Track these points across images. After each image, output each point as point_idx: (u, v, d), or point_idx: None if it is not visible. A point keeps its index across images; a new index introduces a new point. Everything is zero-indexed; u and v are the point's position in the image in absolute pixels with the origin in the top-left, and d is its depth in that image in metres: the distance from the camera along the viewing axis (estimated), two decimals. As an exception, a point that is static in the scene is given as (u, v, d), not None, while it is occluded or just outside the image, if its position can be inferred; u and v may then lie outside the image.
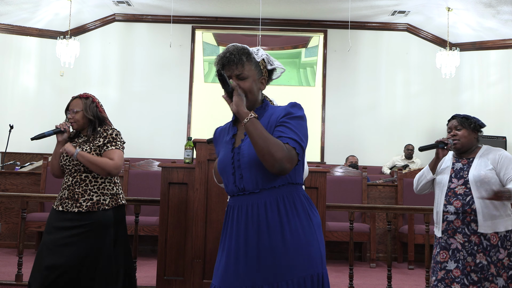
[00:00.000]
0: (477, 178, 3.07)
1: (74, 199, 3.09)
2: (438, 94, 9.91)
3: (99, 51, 10.10)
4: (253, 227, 1.92)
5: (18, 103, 9.53)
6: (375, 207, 5.10)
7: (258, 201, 1.94)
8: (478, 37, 9.56)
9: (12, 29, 9.48)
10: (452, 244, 3.06)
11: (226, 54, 2.02)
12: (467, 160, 3.19)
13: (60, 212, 3.10)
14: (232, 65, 2.01)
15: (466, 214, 3.04)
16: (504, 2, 8.11)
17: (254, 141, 1.88)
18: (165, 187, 3.88)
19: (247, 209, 1.95)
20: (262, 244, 1.91)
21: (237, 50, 2.03)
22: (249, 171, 1.96)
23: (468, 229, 3.03)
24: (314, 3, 9.23)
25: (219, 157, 2.07)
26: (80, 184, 3.12)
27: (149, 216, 6.02)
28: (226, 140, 2.09)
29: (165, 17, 9.88)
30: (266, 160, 1.87)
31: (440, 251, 3.09)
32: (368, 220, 6.26)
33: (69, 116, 3.21)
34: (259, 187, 1.95)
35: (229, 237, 1.97)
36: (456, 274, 3.01)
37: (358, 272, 5.50)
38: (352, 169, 6.90)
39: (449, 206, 3.09)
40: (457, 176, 3.15)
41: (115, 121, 10.20)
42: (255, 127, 1.89)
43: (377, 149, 9.73)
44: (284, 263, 1.89)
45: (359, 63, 10.08)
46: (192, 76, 10.10)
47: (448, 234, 3.08)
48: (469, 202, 3.05)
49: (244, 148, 1.98)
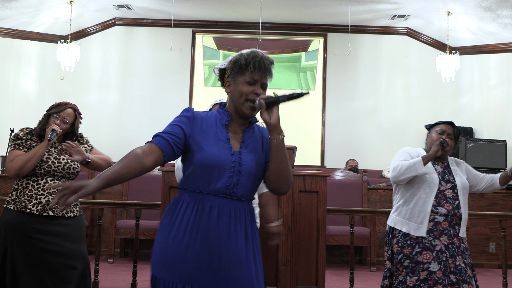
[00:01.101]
0: (464, 185, 3.22)
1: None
2: (438, 98, 9.91)
3: (100, 55, 10.12)
4: (235, 231, 1.96)
5: (19, 107, 9.53)
6: (376, 211, 5.11)
7: (241, 209, 2.00)
8: (478, 41, 9.57)
9: (13, 33, 9.50)
10: (437, 245, 3.08)
11: (264, 59, 2.01)
12: (443, 165, 3.30)
13: (50, 217, 3.08)
14: (264, 73, 2.02)
15: (454, 217, 3.12)
16: (504, 6, 8.13)
17: (280, 160, 1.96)
18: (166, 191, 3.88)
19: (230, 212, 1.97)
20: (241, 250, 1.96)
21: (271, 61, 2.05)
22: (246, 179, 1.98)
23: (453, 232, 3.12)
24: (314, 7, 9.25)
25: (212, 151, 1.97)
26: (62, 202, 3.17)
27: (149, 220, 6.02)
28: (218, 136, 2.02)
29: (165, 21, 9.90)
30: (281, 180, 1.99)
31: (423, 252, 3.08)
32: (369, 224, 6.26)
33: (57, 122, 3.20)
34: (246, 196, 2.01)
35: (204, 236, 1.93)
36: (439, 275, 3.03)
37: (359, 276, 5.50)
38: (352, 173, 6.91)
39: (439, 207, 3.12)
40: (444, 179, 3.20)
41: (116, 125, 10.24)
42: (283, 147, 1.97)
43: (377, 153, 9.73)
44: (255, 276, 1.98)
45: (359, 67, 10.09)
46: (193, 80, 10.11)
47: (433, 235, 3.10)
48: (458, 207, 3.14)
49: (247, 156, 2.00)
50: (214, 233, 1.93)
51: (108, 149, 9.22)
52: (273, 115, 1.94)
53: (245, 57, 2.01)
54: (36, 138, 3.19)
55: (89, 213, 6.55)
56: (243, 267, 1.94)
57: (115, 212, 6.20)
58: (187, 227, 1.93)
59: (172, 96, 9.99)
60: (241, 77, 2.01)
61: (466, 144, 8.45)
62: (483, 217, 5.89)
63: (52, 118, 3.21)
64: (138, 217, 4.29)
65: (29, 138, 3.18)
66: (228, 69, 2.07)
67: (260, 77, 2.00)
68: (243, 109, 2.01)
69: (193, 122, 2.05)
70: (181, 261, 1.91)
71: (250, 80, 2.00)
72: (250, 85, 2.00)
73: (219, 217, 1.94)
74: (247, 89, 2.00)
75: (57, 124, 3.18)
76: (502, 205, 6.62)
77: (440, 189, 3.16)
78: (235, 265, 1.93)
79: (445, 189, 3.16)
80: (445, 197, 3.14)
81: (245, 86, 2.00)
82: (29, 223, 3.04)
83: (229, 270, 1.92)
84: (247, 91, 1.99)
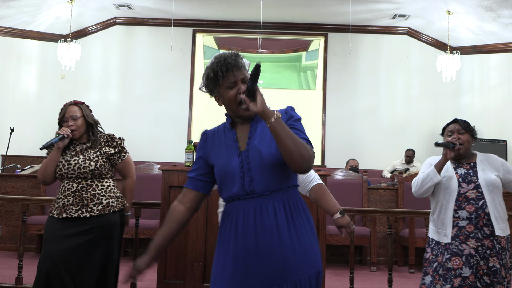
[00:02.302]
0: (489, 182, 3.09)
1: (82, 204, 3.07)
2: (438, 97, 9.91)
3: (100, 55, 10.12)
4: (263, 229, 1.93)
5: (19, 106, 9.53)
6: (376, 210, 5.10)
7: (267, 203, 1.95)
8: (478, 40, 9.57)
9: (13, 32, 9.50)
10: (465, 250, 3.01)
11: (227, 59, 1.99)
12: (468, 165, 3.19)
13: (64, 220, 3.06)
14: (236, 70, 2.00)
15: (479, 219, 3.03)
16: (505, 5, 8.12)
17: (282, 141, 1.87)
18: (166, 190, 3.87)
19: (255, 212, 1.94)
20: (273, 246, 1.92)
21: (235, 54, 2.02)
22: (260, 173, 1.96)
23: (481, 234, 3.02)
24: (315, 7, 9.25)
25: (222, 161, 2.02)
26: (88, 189, 3.11)
27: (149, 219, 6.02)
28: (227, 143, 2.05)
29: (166, 21, 9.90)
30: (295, 159, 1.87)
31: (452, 258, 3.01)
32: (369, 224, 6.25)
33: (69, 123, 3.18)
34: (269, 189, 1.96)
35: (234, 242, 1.94)
36: (471, 280, 2.97)
37: (359, 276, 5.49)
38: (352, 173, 6.90)
39: (460, 211, 3.05)
40: (465, 181, 3.12)
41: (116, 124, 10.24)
42: (282, 127, 1.88)
43: (377, 153, 9.73)
44: (293, 264, 1.92)
45: (360, 67, 10.09)
46: (193, 79, 10.11)
47: (459, 240, 3.02)
48: (482, 206, 3.04)
49: (254, 150, 1.98)
50: (241, 237, 1.94)
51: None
52: (257, 103, 1.90)
53: (211, 68, 2.02)
54: None
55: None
56: (278, 258, 1.91)
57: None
58: (225, 238, 2.00)
59: (173, 96, 9.99)
60: (221, 87, 2.02)
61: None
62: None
63: (64, 123, 3.22)
64: (138, 216, 4.29)
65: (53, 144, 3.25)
66: (206, 88, 2.10)
67: (235, 76, 2.00)
68: (240, 113, 2.02)
69: (205, 143, 2.12)
70: (223, 271, 1.96)
71: (229, 85, 2.00)
72: (232, 89, 2.00)
73: (245, 220, 1.95)
74: (232, 94, 2.00)
75: (70, 126, 3.18)
76: None
77: (461, 192, 3.09)
78: (270, 260, 1.91)
79: (466, 190, 3.09)
80: (467, 199, 3.07)
81: (229, 92, 2.00)
82: (50, 227, 3.09)
83: (266, 267, 1.91)
84: (232, 96, 2.00)
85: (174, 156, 9.16)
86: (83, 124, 3.23)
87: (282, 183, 1.99)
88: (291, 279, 1.90)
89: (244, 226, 1.94)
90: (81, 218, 3.05)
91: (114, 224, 3.13)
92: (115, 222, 3.14)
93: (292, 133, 1.89)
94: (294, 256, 1.92)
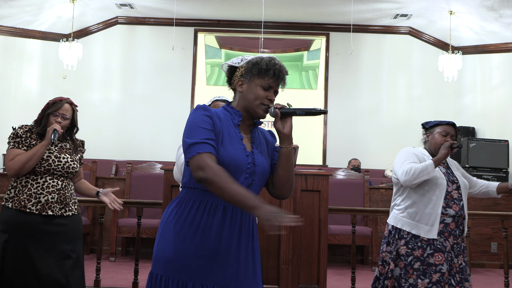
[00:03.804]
0: (465, 185, 3.25)
1: (65, 203, 3.13)
2: (440, 97, 9.90)
3: (102, 54, 10.12)
4: (246, 231, 1.99)
5: (21, 105, 9.54)
6: (377, 210, 5.11)
7: None
8: (480, 40, 9.55)
9: (15, 32, 9.50)
10: (447, 246, 3.10)
11: (282, 68, 2.05)
12: (444, 166, 3.32)
13: (49, 217, 3.06)
14: (280, 80, 2.05)
15: (459, 218, 3.15)
16: (507, 5, 8.11)
17: (288, 168, 2.03)
18: (168, 189, 3.88)
19: (242, 214, 1.98)
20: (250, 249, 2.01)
21: (286, 70, 2.08)
22: (259, 179, 2.03)
23: (458, 232, 3.15)
24: (317, 6, 9.24)
25: (231, 151, 1.96)
26: (68, 189, 3.20)
27: (151, 218, 6.03)
28: (233, 135, 2.01)
29: (167, 20, 9.90)
30: (286, 187, 2.06)
31: (435, 253, 3.07)
32: (370, 223, 6.25)
33: (58, 119, 3.21)
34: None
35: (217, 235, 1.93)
36: (446, 276, 3.07)
37: (360, 276, 5.49)
38: (354, 172, 6.90)
39: (448, 209, 3.13)
40: (450, 180, 3.21)
41: (118, 124, 10.22)
42: (292, 156, 2.04)
43: (379, 152, 9.72)
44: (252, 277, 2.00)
45: (361, 66, 10.09)
46: (195, 79, 10.11)
47: (444, 236, 3.10)
48: (462, 207, 3.17)
49: (259, 157, 2.04)
50: (227, 233, 1.94)
51: (110, 147, 9.31)
52: (287, 126, 2.02)
53: (266, 62, 2.03)
54: (36, 136, 3.16)
55: (91, 212, 6.56)
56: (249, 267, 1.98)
57: (117, 210, 6.20)
58: (199, 227, 1.93)
59: (174, 95, 10.00)
60: (258, 80, 2.03)
61: (468, 144, 8.43)
62: (485, 217, 5.89)
63: (52, 117, 3.20)
64: (140, 215, 4.30)
65: (29, 136, 3.15)
66: (243, 68, 2.06)
67: (276, 85, 2.05)
68: (257, 110, 2.03)
69: (212, 119, 2.04)
70: (192, 260, 1.91)
71: (266, 85, 2.03)
72: (265, 90, 2.03)
73: (233, 217, 1.96)
74: (262, 94, 2.03)
75: (58, 122, 3.19)
76: (504, 205, 6.61)
77: (448, 190, 3.15)
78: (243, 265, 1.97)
79: (451, 190, 3.17)
80: (452, 198, 3.15)
81: (261, 90, 2.03)
82: (29, 223, 3.02)
83: (238, 268, 1.95)
84: (262, 96, 2.03)
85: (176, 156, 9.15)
86: (66, 126, 3.28)
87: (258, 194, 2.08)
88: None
89: (231, 225, 1.96)
90: (64, 217, 3.12)
91: (81, 223, 3.30)
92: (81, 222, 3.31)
93: (293, 165, 2.06)
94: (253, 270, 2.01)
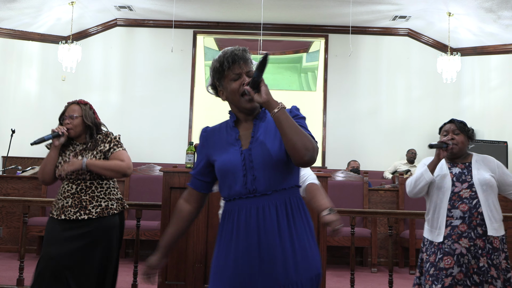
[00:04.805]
0: (483, 182, 3.10)
1: (81, 206, 3.04)
2: (439, 99, 9.91)
3: (101, 56, 10.13)
4: (265, 229, 1.93)
5: (20, 107, 9.54)
6: (377, 212, 5.11)
7: (269, 203, 1.95)
8: (479, 42, 9.57)
9: (14, 34, 9.51)
10: (456, 249, 3.01)
11: (234, 51, 2.00)
12: (463, 165, 3.21)
13: (63, 221, 3.04)
14: (242, 62, 2.00)
15: (473, 218, 3.03)
16: (505, 7, 8.13)
17: (286, 131, 1.87)
18: (167, 191, 3.88)
19: (257, 211, 1.94)
20: (273, 246, 1.92)
21: (242, 49, 2.03)
22: (262, 172, 1.95)
23: (474, 233, 3.02)
24: (315, 8, 9.25)
25: (223, 159, 2.00)
26: (87, 191, 3.08)
27: (150, 220, 6.02)
28: (228, 141, 2.03)
29: (166, 22, 9.91)
30: (298, 149, 1.87)
31: (444, 257, 3.02)
32: (370, 225, 6.25)
33: (66, 121, 3.17)
34: (272, 188, 1.95)
35: (235, 241, 1.94)
36: (459, 277, 2.98)
37: (360, 277, 5.49)
38: (353, 174, 6.90)
39: (454, 210, 3.06)
40: (459, 180, 3.13)
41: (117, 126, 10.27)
42: (286, 117, 1.89)
43: (378, 154, 9.73)
44: (294, 265, 1.91)
45: (360, 68, 10.10)
46: (194, 80, 10.12)
47: (452, 239, 3.03)
48: (476, 206, 3.05)
49: (257, 149, 1.97)
50: (243, 236, 1.93)
51: (109, 150, 9.28)
52: (261, 94, 1.91)
53: (217, 60, 2.03)
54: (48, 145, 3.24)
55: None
56: (279, 259, 1.91)
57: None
58: (226, 237, 1.98)
59: (173, 97, 10.00)
60: (225, 79, 2.02)
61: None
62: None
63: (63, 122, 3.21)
64: (139, 217, 4.29)
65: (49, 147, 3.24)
66: (213, 80, 2.08)
67: (240, 68, 2.00)
68: (242, 105, 2.00)
69: (206, 141, 2.10)
70: (223, 270, 1.95)
71: (233, 76, 2.00)
72: (236, 81, 2.00)
73: (247, 219, 1.94)
74: (235, 86, 1.99)
75: (66, 124, 3.16)
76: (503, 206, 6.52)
77: (454, 191, 3.09)
78: (271, 261, 1.91)
79: (460, 190, 3.09)
80: (460, 198, 3.07)
81: (232, 84, 2.00)
82: (51, 228, 3.07)
83: (266, 267, 1.91)
84: (236, 87, 1.99)
85: (175, 158, 9.16)
86: (80, 124, 3.17)
87: (284, 183, 1.98)
88: (292, 281, 1.90)
89: (246, 225, 1.94)
90: (80, 220, 3.02)
91: (113, 227, 3.09)
92: (114, 225, 3.10)
93: (296, 124, 1.90)
94: (294, 258, 1.92)
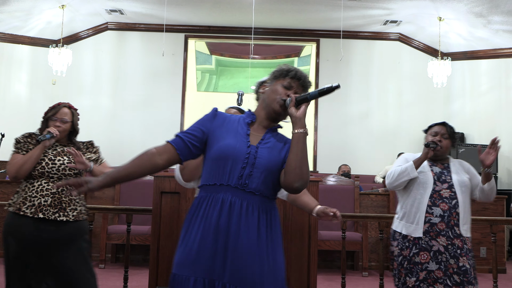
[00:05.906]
0: (461, 183, 3.22)
1: (60, 207, 3.05)
2: (430, 103, 9.96)
3: (92, 60, 10.09)
4: (246, 224, 1.96)
5: (10, 111, 9.48)
6: (368, 216, 5.12)
7: (254, 203, 1.99)
8: (469, 46, 9.64)
9: (4, 37, 9.45)
10: (433, 246, 3.09)
11: (304, 74, 2.14)
12: (443, 165, 3.32)
13: (41, 220, 3.02)
14: (301, 84, 2.13)
15: (451, 218, 3.12)
16: (495, 12, 8.19)
17: (297, 152, 1.98)
18: (157, 196, 3.86)
19: (241, 204, 1.97)
20: (251, 246, 1.95)
21: (309, 79, 2.18)
22: (260, 172, 2.01)
23: (452, 233, 3.11)
24: (307, 13, 9.28)
25: (229, 142, 2.03)
26: (67, 193, 3.09)
27: (141, 225, 5.99)
28: (238, 130, 2.08)
29: (158, 26, 9.89)
30: (296, 174, 1.97)
31: (420, 252, 3.10)
32: (361, 229, 6.26)
33: (57, 123, 3.20)
34: (260, 191, 2.00)
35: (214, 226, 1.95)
36: (438, 275, 3.06)
37: (351, 281, 5.50)
38: (344, 178, 6.91)
39: (434, 208, 3.13)
40: (440, 180, 3.22)
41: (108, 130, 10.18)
42: (304, 141, 2.01)
43: (369, 158, 9.75)
44: (263, 274, 1.95)
45: (351, 72, 10.13)
46: (185, 85, 10.10)
47: (429, 236, 3.11)
48: (455, 206, 3.14)
49: (264, 150, 2.04)
50: (225, 225, 1.95)
51: (100, 154, 9.24)
52: (300, 110, 2.02)
53: (288, 67, 2.14)
54: (35, 142, 3.17)
55: (80, 218, 6.51)
56: (254, 262, 1.94)
57: (107, 217, 6.17)
58: (201, 222, 1.97)
59: (165, 101, 9.98)
60: (280, 81, 2.12)
61: (458, 149, 8.48)
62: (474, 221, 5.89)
63: (51, 122, 3.22)
64: (129, 222, 4.27)
65: (28, 141, 3.18)
66: (270, 78, 2.19)
67: (296, 86, 2.12)
68: (273, 104, 2.08)
69: (214, 119, 2.14)
70: (194, 255, 1.95)
71: (287, 85, 2.11)
72: (285, 89, 2.10)
73: (231, 209, 1.96)
74: (281, 89, 2.10)
75: (57, 126, 3.18)
76: (492, 210, 6.64)
77: (435, 189, 3.17)
78: (245, 259, 1.93)
79: (440, 189, 3.17)
80: (441, 196, 3.14)
81: (281, 88, 2.10)
82: (21, 226, 3.02)
83: (239, 262, 1.93)
84: (280, 90, 2.10)
85: (166, 162, 9.13)
86: (68, 129, 3.27)
87: (271, 193, 2.06)
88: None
89: (230, 212, 1.96)
90: (57, 222, 3.04)
91: (86, 231, 3.19)
92: (87, 229, 3.21)
93: (307, 155, 2.00)
94: (267, 266, 1.96)
